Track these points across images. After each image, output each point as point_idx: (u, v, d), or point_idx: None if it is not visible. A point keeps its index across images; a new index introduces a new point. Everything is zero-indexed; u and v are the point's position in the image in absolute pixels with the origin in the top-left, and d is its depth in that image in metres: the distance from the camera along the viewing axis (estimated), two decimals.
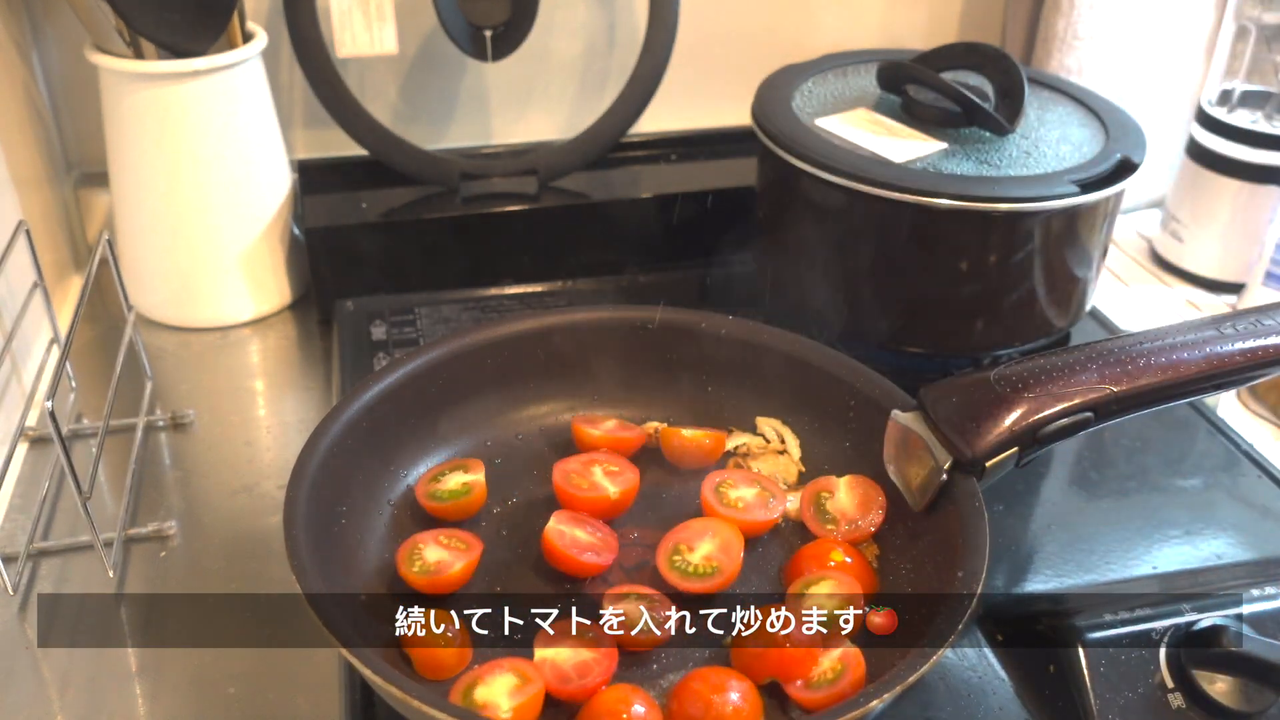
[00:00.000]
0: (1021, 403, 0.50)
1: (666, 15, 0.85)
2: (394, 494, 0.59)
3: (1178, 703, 0.51)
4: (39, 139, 0.84)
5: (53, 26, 0.85)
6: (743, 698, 0.47)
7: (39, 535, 0.63)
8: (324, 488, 0.53)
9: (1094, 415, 0.51)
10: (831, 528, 0.57)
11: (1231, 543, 0.63)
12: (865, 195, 0.66)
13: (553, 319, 0.65)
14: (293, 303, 0.86)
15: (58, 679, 0.55)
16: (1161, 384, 0.51)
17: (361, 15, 0.80)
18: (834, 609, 0.51)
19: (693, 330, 0.65)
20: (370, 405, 0.58)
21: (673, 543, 0.56)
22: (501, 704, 0.46)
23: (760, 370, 0.64)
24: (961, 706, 0.52)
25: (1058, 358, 0.52)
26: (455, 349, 0.62)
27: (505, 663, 0.48)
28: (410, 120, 0.95)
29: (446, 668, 0.49)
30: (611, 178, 0.92)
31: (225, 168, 0.78)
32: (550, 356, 0.65)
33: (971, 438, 0.50)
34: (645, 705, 0.46)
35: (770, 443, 0.64)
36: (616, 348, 0.65)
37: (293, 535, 0.49)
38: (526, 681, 0.47)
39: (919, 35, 1.02)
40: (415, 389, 0.60)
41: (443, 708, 0.42)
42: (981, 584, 0.47)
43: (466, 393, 0.63)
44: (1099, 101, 0.77)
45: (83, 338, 0.81)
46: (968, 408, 0.51)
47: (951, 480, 0.51)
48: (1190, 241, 0.94)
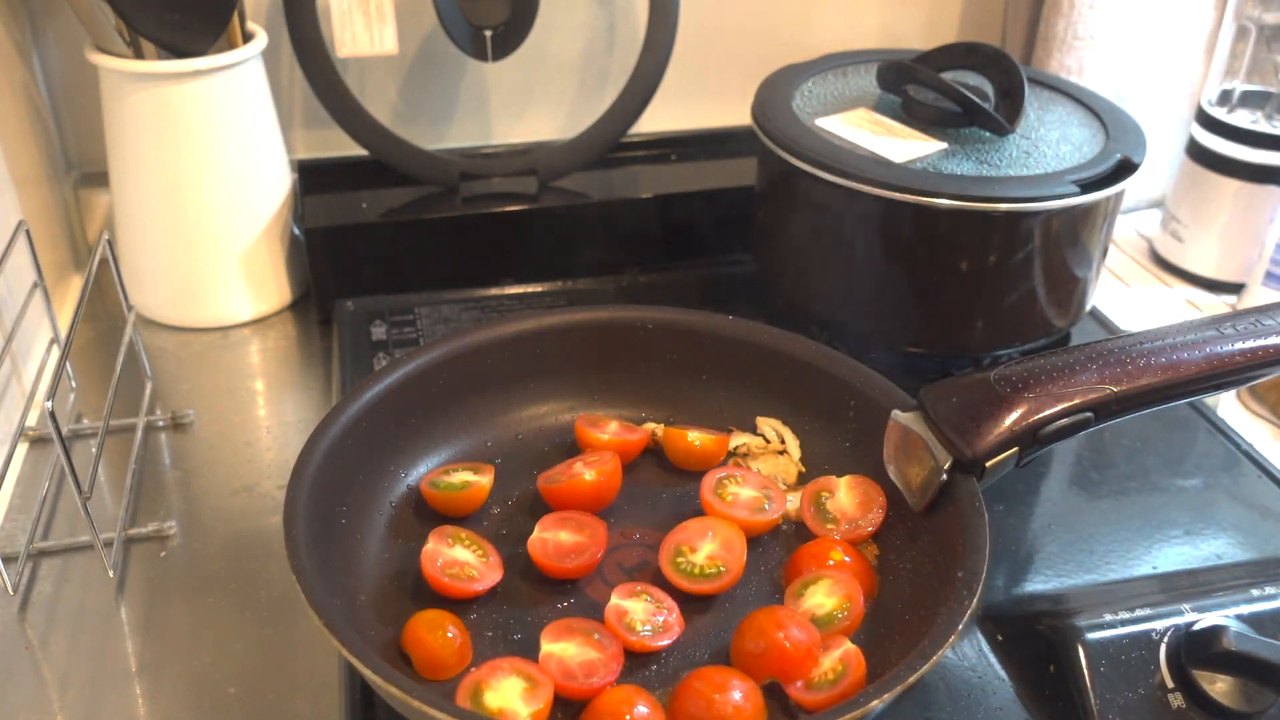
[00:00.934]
0: (1021, 403, 0.50)
1: (666, 15, 0.85)
2: (395, 494, 0.59)
3: (1178, 703, 0.51)
4: (39, 139, 0.84)
5: (53, 26, 0.85)
6: (745, 697, 0.47)
7: (39, 535, 0.63)
8: (324, 487, 0.53)
9: (1094, 415, 0.51)
10: (831, 527, 0.57)
11: (1231, 543, 0.63)
12: (865, 195, 0.66)
13: (553, 319, 0.65)
14: (293, 303, 0.86)
15: (58, 679, 0.55)
16: (1161, 384, 0.51)
17: (361, 15, 0.80)
18: (832, 609, 0.51)
19: (693, 330, 0.65)
20: (371, 405, 0.58)
21: (675, 543, 0.56)
22: (520, 710, 0.46)
23: (761, 370, 0.64)
24: (961, 706, 0.52)
25: (1058, 358, 0.53)
26: (456, 349, 0.62)
27: (506, 663, 0.48)
28: (410, 120, 0.95)
29: (447, 668, 0.50)
30: (611, 178, 0.92)
31: (225, 168, 0.78)
32: (551, 356, 0.65)
33: (971, 438, 0.50)
34: (649, 706, 0.46)
35: (770, 443, 0.64)
36: (617, 347, 0.66)
37: (293, 535, 0.49)
38: (537, 685, 0.47)
39: (919, 35, 1.02)
40: (416, 389, 0.60)
41: (446, 709, 0.42)
42: (982, 583, 0.47)
43: (467, 393, 0.63)
44: (1099, 101, 0.77)
45: (83, 338, 0.81)
46: (968, 408, 0.51)
47: (952, 480, 0.51)
48: (1190, 241, 0.95)
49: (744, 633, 0.50)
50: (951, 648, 0.55)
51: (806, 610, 0.52)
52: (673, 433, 0.63)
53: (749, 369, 0.64)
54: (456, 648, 0.50)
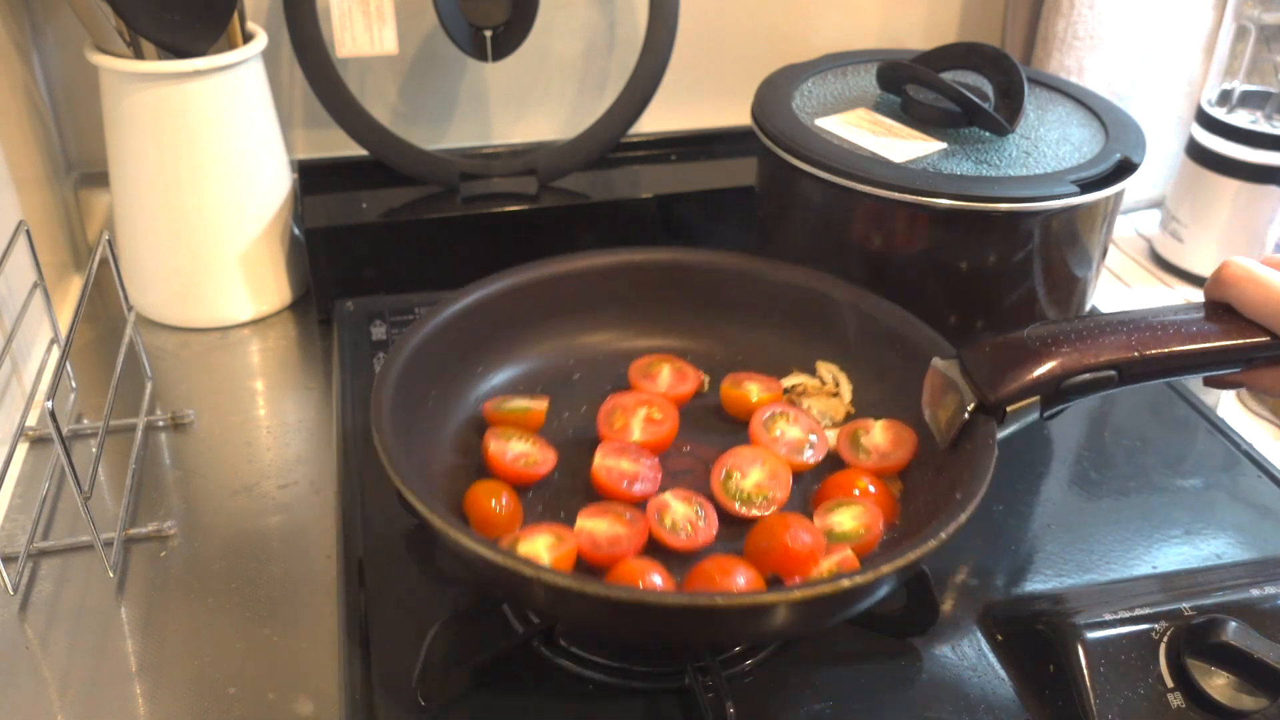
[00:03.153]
0: (1049, 357, 0.54)
1: (667, 15, 0.85)
2: (479, 391, 0.65)
3: (1177, 702, 0.51)
4: (39, 139, 0.84)
5: (53, 26, 0.85)
6: (748, 582, 0.52)
7: (39, 535, 0.63)
8: (416, 373, 0.59)
9: (1118, 375, 0.54)
10: (864, 458, 0.62)
11: (1231, 543, 0.63)
12: (865, 195, 0.66)
13: (631, 256, 0.70)
14: (293, 303, 0.86)
15: (58, 679, 0.55)
16: (1186, 352, 0.54)
17: (361, 15, 0.80)
18: (851, 529, 0.56)
19: (761, 276, 0.69)
20: (465, 312, 0.64)
21: (725, 466, 0.60)
22: (543, 556, 0.53)
23: (825, 317, 0.68)
24: (961, 706, 0.52)
25: (1092, 321, 0.55)
26: (546, 274, 0.68)
27: (545, 526, 0.55)
28: (410, 120, 0.95)
29: (497, 528, 0.56)
30: (611, 178, 0.92)
31: (225, 168, 0.78)
32: (624, 291, 0.70)
33: (996, 383, 0.54)
34: (662, 576, 0.52)
35: (825, 385, 0.68)
36: (686, 287, 0.70)
37: (379, 400, 0.55)
38: (562, 540, 0.54)
39: (919, 35, 1.02)
40: (506, 304, 0.66)
41: (484, 544, 0.46)
42: (976, 505, 0.49)
43: (548, 315, 0.69)
44: (1099, 101, 0.77)
45: (83, 338, 0.81)
46: (998, 357, 0.55)
47: (974, 421, 0.54)
48: (1190, 241, 0.95)
49: (757, 533, 0.55)
50: (951, 650, 0.55)
51: (828, 525, 0.56)
52: (730, 392, 0.66)
53: (815, 315, 0.68)
54: (507, 513, 0.56)
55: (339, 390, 0.74)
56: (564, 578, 0.45)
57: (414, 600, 0.56)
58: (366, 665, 0.53)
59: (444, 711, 0.51)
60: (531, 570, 0.46)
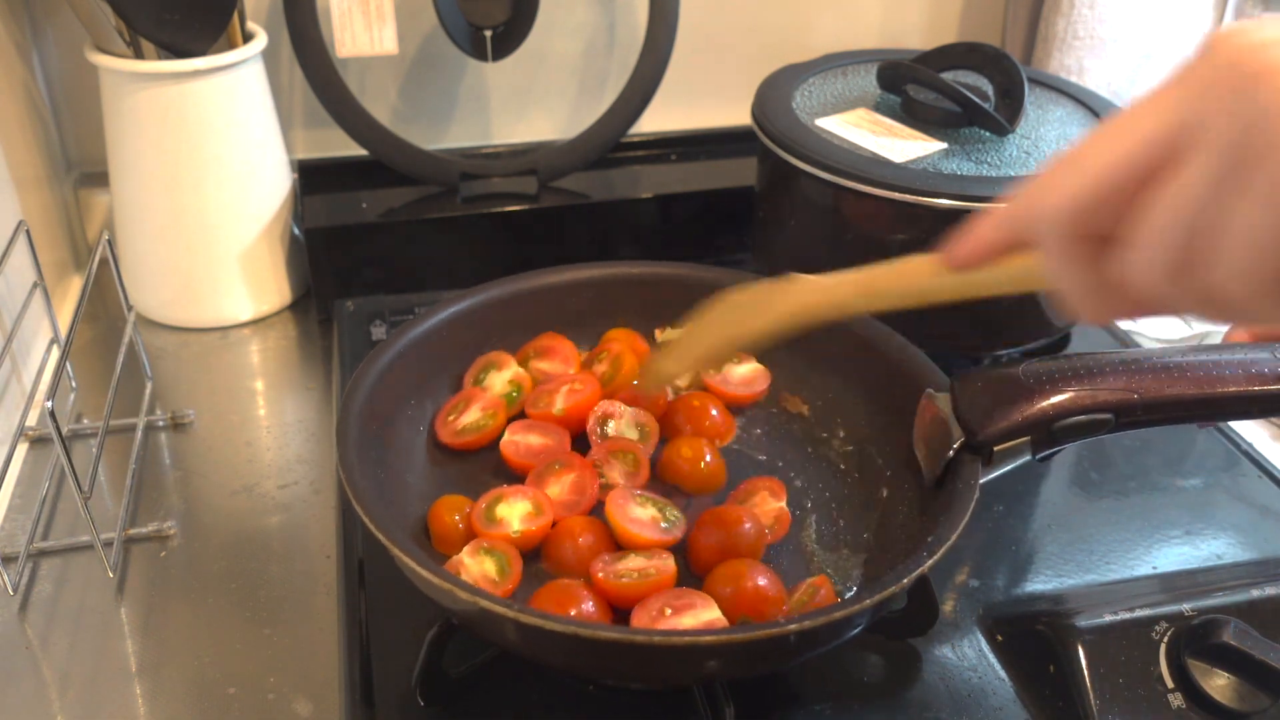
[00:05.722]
0: (1041, 396, 0.51)
1: (666, 15, 0.85)
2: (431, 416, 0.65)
3: (1177, 703, 0.51)
4: (39, 139, 0.84)
5: (53, 26, 0.85)
6: (754, 529, 0.56)
7: (39, 535, 0.63)
8: (379, 400, 0.59)
9: (1114, 418, 0.51)
10: (722, 384, 0.66)
11: (1231, 543, 0.63)
12: (865, 195, 0.66)
13: (593, 272, 0.70)
14: (293, 303, 0.86)
15: (58, 679, 0.55)
16: (1192, 397, 0.51)
17: (361, 15, 0.80)
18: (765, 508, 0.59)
19: None
20: (437, 327, 0.65)
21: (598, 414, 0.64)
22: (513, 524, 0.56)
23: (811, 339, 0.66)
24: (961, 706, 0.52)
25: (1092, 359, 0.53)
26: (514, 290, 0.69)
27: (530, 491, 0.58)
28: (410, 120, 0.95)
29: (456, 545, 0.56)
30: (611, 178, 0.92)
31: (225, 168, 0.78)
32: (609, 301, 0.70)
33: (984, 421, 0.52)
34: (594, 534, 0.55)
35: None
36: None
37: (344, 430, 0.55)
38: (540, 514, 0.57)
39: (919, 35, 1.02)
40: (464, 324, 0.67)
41: (437, 573, 0.46)
42: (945, 550, 0.47)
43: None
44: (1099, 101, 0.77)
45: (83, 338, 0.81)
46: (990, 394, 0.53)
47: (960, 459, 0.52)
48: None
49: (716, 579, 0.53)
50: (951, 651, 0.55)
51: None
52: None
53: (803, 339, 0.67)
54: (463, 530, 0.57)
55: (339, 390, 0.74)
56: (503, 605, 0.44)
57: (414, 600, 0.56)
58: (366, 665, 0.53)
59: (444, 711, 0.51)
60: (468, 595, 0.45)
